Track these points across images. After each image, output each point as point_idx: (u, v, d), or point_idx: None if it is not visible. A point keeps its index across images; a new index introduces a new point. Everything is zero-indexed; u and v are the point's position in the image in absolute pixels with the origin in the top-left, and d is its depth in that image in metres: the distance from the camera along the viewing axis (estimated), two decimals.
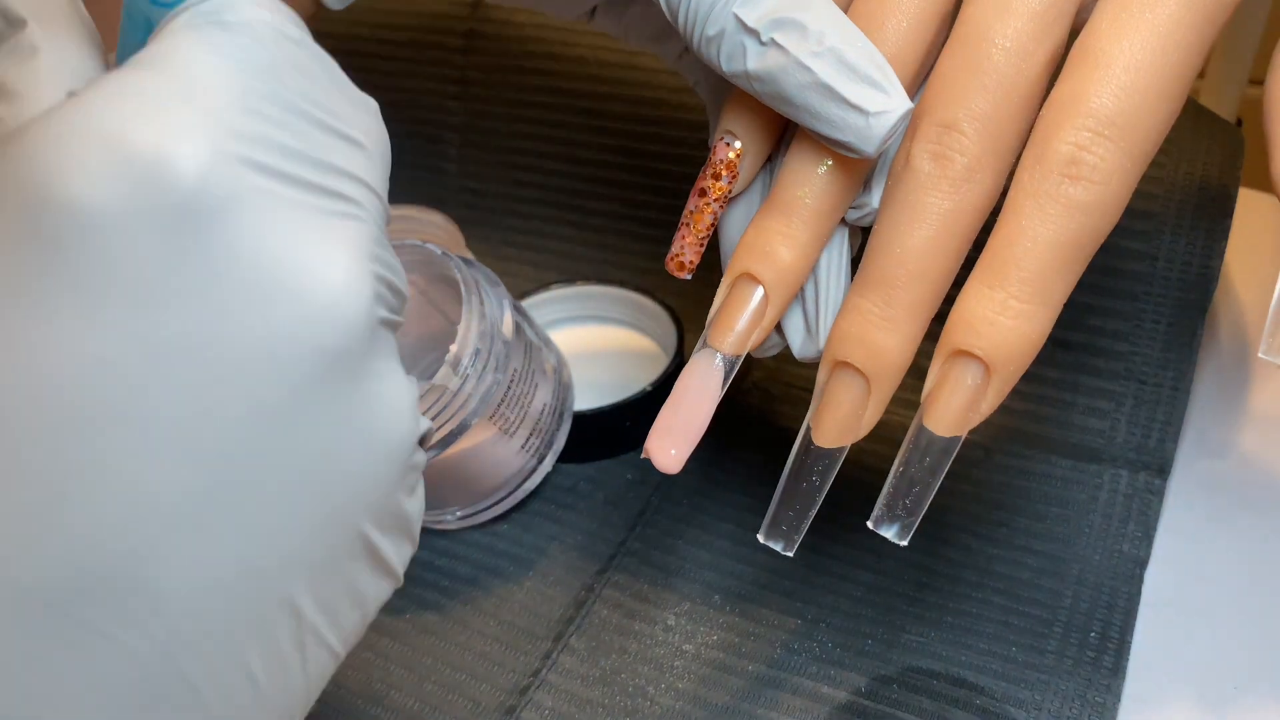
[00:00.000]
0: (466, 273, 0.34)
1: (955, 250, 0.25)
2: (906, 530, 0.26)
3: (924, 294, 0.25)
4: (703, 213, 0.28)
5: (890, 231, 0.25)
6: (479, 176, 0.52)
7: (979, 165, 0.24)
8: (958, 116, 0.24)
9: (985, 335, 0.24)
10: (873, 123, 0.24)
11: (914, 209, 0.25)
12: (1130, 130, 0.23)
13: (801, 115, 0.25)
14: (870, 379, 0.26)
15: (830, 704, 0.32)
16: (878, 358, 0.25)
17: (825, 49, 0.24)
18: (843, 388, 0.26)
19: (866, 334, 0.25)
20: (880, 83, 0.24)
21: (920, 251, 0.25)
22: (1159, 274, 0.38)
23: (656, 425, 0.28)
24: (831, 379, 0.26)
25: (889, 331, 0.25)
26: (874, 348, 0.25)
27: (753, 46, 0.25)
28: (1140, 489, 0.37)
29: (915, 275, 0.25)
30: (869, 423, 0.26)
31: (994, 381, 0.25)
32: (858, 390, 0.26)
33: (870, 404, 0.26)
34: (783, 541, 0.28)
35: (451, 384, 0.32)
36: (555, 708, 0.32)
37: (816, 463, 0.27)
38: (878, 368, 0.26)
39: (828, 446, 0.27)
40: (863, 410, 0.26)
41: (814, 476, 0.27)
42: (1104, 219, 0.24)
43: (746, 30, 0.25)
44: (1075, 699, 0.31)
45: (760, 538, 0.28)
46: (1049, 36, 0.24)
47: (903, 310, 0.25)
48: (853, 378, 0.26)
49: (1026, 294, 0.24)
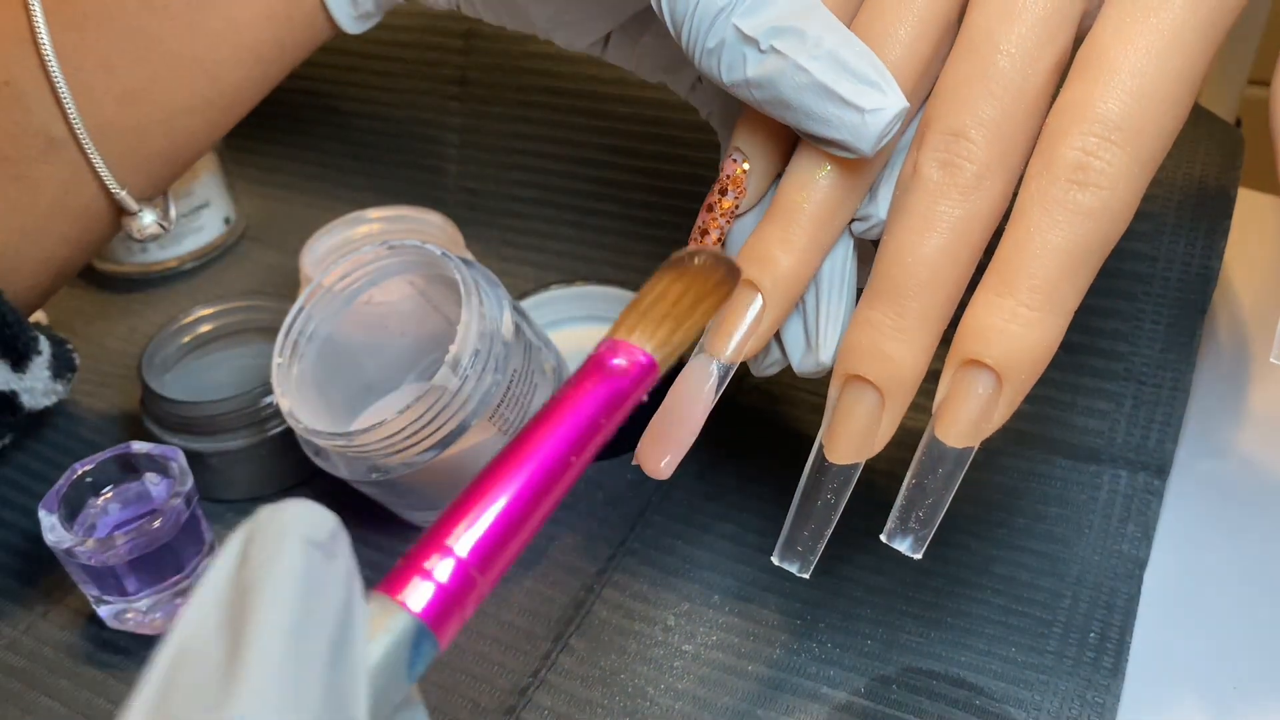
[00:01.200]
0: (466, 273, 0.34)
1: (966, 259, 0.25)
2: (920, 543, 0.26)
3: (936, 303, 0.25)
4: (709, 228, 0.28)
5: (900, 241, 0.25)
6: (478, 177, 0.52)
7: (988, 172, 0.24)
8: (965, 124, 0.24)
9: (996, 344, 0.24)
10: (868, 120, 0.24)
11: (923, 218, 0.25)
12: (1137, 135, 0.23)
13: (799, 118, 0.25)
14: (884, 392, 0.25)
15: (830, 704, 0.32)
16: (891, 370, 0.25)
17: (823, 52, 0.24)
18: (856, 402, 0.26)
19: (879, 346, 0.25)
20: (876, 81, 0.24)
21: (931, 260, 0.25)
22: (1159, 274, 0.38)
23: (648, 432, 0.27)
24: (844, 393, 0.26)
25: (901, 343, 0.25)
26: (887, 360, 0.25)
27: (752, 54, 0.25)
28: (1140, 489, 0.37)
29: (927, 285, 0.25)
30: (884, 437, 0.26)
31: (1006, 391, 0.24)
32: (871, 404, 0.26)
33: (885, 418, 0.26)
34: (799, 563, 0.27)
35: (451, 384, 0.32)
36: (555, 708, 0.32)
37: (831, 480, 0.27)
38: (891, 380, 0.25)
39: (842, 463, 0.26)
40: (877, 425, 0.26)
41: (829, 494, 0.27)
42: (1113, 224, 0.24)
43: (746, 39, 0.25)
44: (1075, 699, 0.31)
45: (775, 559, 0.28)
46: (1054, 43, 0.24)
47: (915, 321, 0.25)
48: (866, 391, 0.26)
49: (1036, 301, 0.24)
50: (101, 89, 0.34)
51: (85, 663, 0.35)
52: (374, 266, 0.36)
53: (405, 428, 0.32)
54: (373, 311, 0.38)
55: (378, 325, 0.39)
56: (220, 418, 0.39)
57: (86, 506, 0.35)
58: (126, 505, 0.36)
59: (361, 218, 0.46)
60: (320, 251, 0.45)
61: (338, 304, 0.37)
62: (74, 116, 0.33)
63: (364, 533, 0.38)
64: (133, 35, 0.34)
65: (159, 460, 0.35)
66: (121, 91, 0.34)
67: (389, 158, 0.55)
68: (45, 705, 0.34)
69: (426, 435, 0.33)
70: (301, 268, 0.44)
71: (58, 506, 0.34)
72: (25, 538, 0.39)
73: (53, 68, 0.33)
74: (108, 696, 0.34)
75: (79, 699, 0.34)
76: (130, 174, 0.35)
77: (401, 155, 0.54)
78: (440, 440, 0.33)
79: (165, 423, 0.39)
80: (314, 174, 0.57)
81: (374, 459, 0.34)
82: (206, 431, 0.39)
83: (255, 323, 0.44)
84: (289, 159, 0.58)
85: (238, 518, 0.40)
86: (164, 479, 0.36)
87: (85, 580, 0.34)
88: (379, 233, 0.46)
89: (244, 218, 0.56)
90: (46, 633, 0.36)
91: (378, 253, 0.36)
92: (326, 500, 0.44)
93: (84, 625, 0.36)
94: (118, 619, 0.35)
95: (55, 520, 0.33)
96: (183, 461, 0.35)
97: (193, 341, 0.43)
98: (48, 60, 0.33)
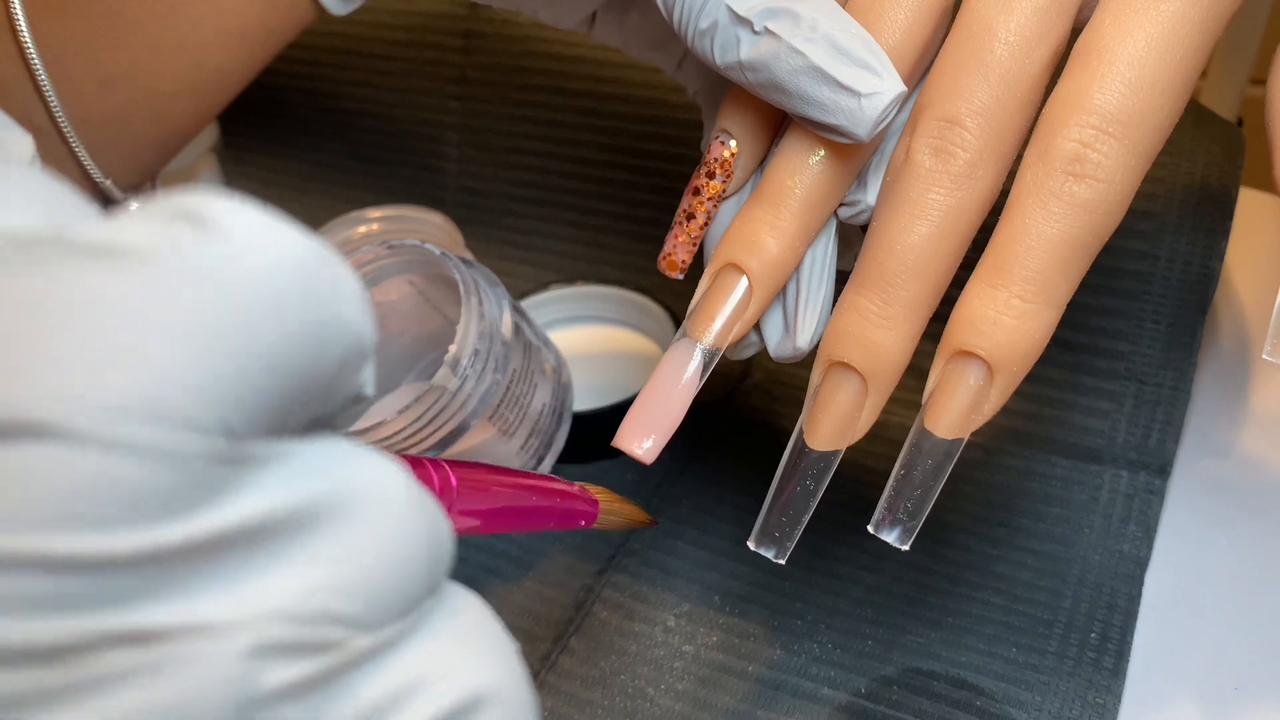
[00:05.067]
0: (465, 273, 0.34)
1: (955, 248, 0.25)
2: (908, 535, 0.26)
3: (923, 292, 0.25)
4: (696, 211, 0.28)
5: (889, 227, 0.25)
6: (478, 176, 0.52)
7: (981, 161, 0.24)
8: (960, 111, 0.24)
9: (988, 335, 0.24)
10: (865, 105, 0.24)
11: (914, 205, 0.24)
12: (1134, 127, 0.23)
13: (794, 102, 0.25)
14: (867, 379, 0.25)
15: (830, 705, 0.32)
16: (875, 357, 0.25)
17: (818, 35, 0.24)
18: (838, 388, 0.26)
19: (864, 332, 0.25)
20: (873, 65, 0.24)
21: (920, 248, 0.24)
22: (1159, 274, 0.38)
23: (629, 417, 0.27)
24: (827, 379, 0.26)
25: (887, 330, 0.25)
26: (872, 347, 0.25)
27: (746, 36, 0.24)
28: (1140, 489, 0.37)
29: (915, 272, 0.25)
30: (865, 425, 0.26)
31: (997, 382, 0.24)
32: (854, 390, 0.26)
33: (867, 405, 0.26)
34: (775, 548, 0.27)
35: (450, 384, 0.32)
36: (555, 709, 0.32)
37: (811, 466, 0.26)
38: (875, 367, 0.25)
39: (822, 449, 0.26)
40: (859, 412, 0.26)
41: (808, 481, 0.27)
42: (1108, 217, 0.24)
43: (739, 21, 0.24)
44: (1075, 700, 0.31)
45: (751, 544, 0.27)
46: (1052, 32, 0.24)
47: (901, 308, 0.25)
48: (849, 377, 0.26)
49: (1030, 293, 0.24)
50: (82, 75, 0.33)
51: None
52: (373, 266, 0.36)
53: (405, 428, 0.32)
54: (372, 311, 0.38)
55: (377, 325, 0.39)
56: None
57: None
58: None
59: (361, 217, 0.46)
60: None
61: None
62: (54, 104, 0.33)
63: None
64: (113, 19, 0.33)
65: None
66: (103, 77, 0.33)
67: (389, 157, 0.55)
68: None
69: (426, 435, 0.33)
70: None
71: None
72: None
73: (31, 54, 0.32)
74: None
75: None
76: (114, 162, 0.35)
77: (401, 155, 0.54)
78: (440, 440, 0.33)
79: None
80: (314, 174, 0.57)
81: None
82: None
83: None
84: (289, 159, 0.58)
85: None
86: None
87: None
88: (379, 232, 0.46)
89: None
90: None
91: (377, 252, 0.36)
92: None
93: None
94: None
95: None
96: None
97: None
98: (26, 46, 0.32)
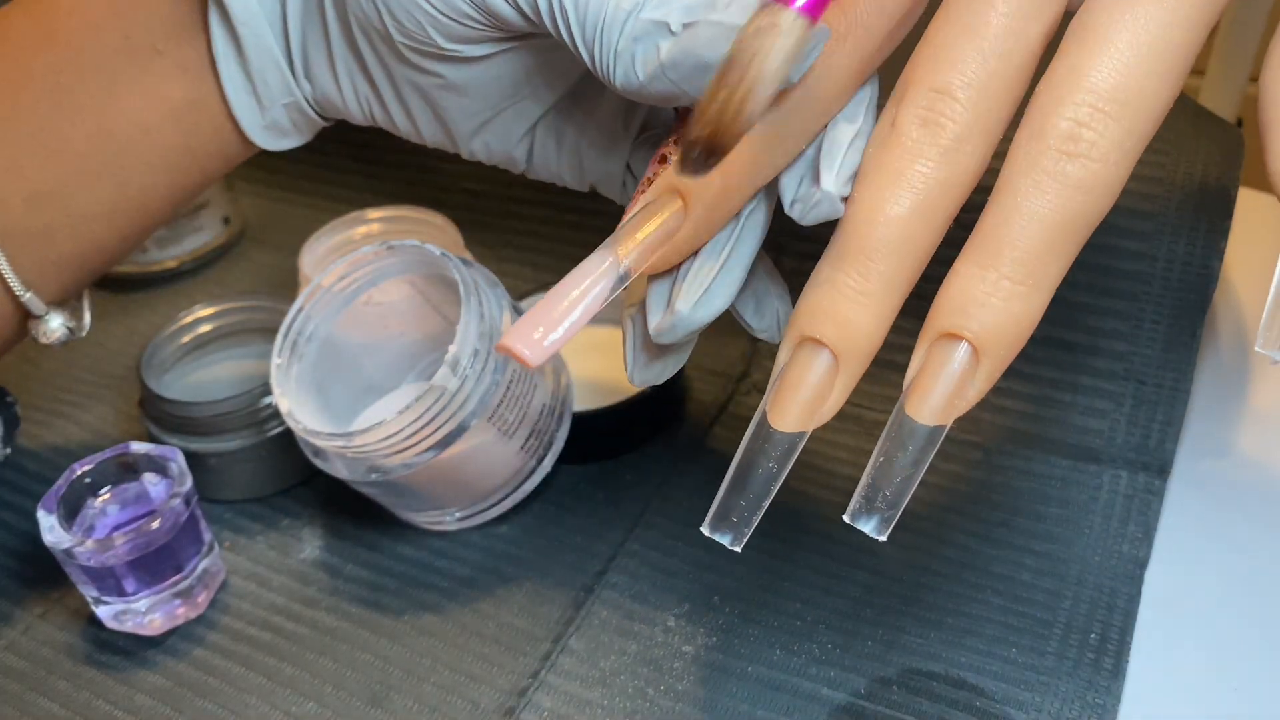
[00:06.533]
0: (465, 273, 0.34)
1: (938, 224, 0.24)
2: (886, 524, 0.24)
3: (902, 269, 0.24)
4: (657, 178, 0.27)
5: (870, 200, 0.24)
6: (479, 177, 0.52)
7: (969, 134, 0.23)
8: (951, 82, 0.23)
9: (975, 317, 0.23)
10: None
11: (898, 176, 0.23)
12: (1131, 108, 0.22)
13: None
14: (839, 357, 0.24)
15: (830, 705, 0.32)
16: (849, 335, 0.24)
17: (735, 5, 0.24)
18: (808, 366, 0.24)
19: (838, 308, 0.24)
20: None
21: (902, 222, 0.23)
22: (1159, 274, 0.38)
23: (525, 317, 0.25)
24: (796, 356, 0.24)
25: (863, 307, 0.24)
26: (846, 323, 0.24)
27: (664, 39, 0.24)
28: (1140, 489, 0.37)
29: (895, 247, 0.23)
30: (833, 407, 0.25)
31: (983, 366, 0.23)
32: (824, 369, 0.24)
33: (837, 385, 0.24)
34: (731, 534, 0.25)
35: (450, 385, 0.32)
36: (554, 709, 0.32)
37: (774, 449, 0.25)
38: (848, 345, 0.24)
39: (786, 430, 0.25)
40: (828, 392, 0.24)
41: (771, 464, 0.25)
42: (1102, 199, 0.23)
43: (657, 25, 0.24)
44: (1075, 700, 0.31)
45: (705, 529, 0.26)
46: (1048, 9, 0.24)
47: (879, 285, 0.24)
48: (820, 355, 0.24)
49: (1020, 274, 0.23)
50: (9, 190, 0.33)
51: (84, 663, 0.35)
52: (373, 266, 0.36)
53: (405, 428, 0.32)
54: (372, 311, 0.38)
55: (377, 325, 0.39)
56: (219, 418, 0.39)
57: (85, 507, 0.35)
58: (125, 506, 0.36)
59: (361, 218, 0.46)
60: (320, 252, 0.45)
61: (337, 304, 0.37)
62: None
63: (364, 533, 0.38)
64: (43, 136, 0.33)
65: (158, 461, 0.35)
66: (30, 193, 0.33)
67: (389, 158, 0.55)
68: (43, 706, 0.34)
69: (426, 435, 0.33)
70: (301, 268, 0.44)
71: (56, 507, 0.34)
72: (24, 538, 0.39)
73: None
74: (106, 697, 0.34)
75: (77, 700, 0.34)
76: (38, 277, 0.34)
77: (401, 155, 0.54)
78: (440, 440, 0.33)
79: (164, 423, 0.39)
80: (314, 174, 0.57)
81: (373, 459, 0.34)
82: (205, 432, 0.39)
83: (254, 323, 0.44)
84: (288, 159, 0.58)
85: (237, 518, 0.40)
86: (163, 479, 0.36)
87: (84, 581, 0.34)
88: (378, 233, 0.46)
89: (243, 218, 0.56)
90: (45, 633, 0.36)
91: (377, 253, 0.36)
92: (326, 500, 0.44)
93: (83, 626, 0.36)
94: (116, 619, 0.35)
95: (54, 521, 0.33)
96: (182, 462, 0.35)
97: (192, 342, 0.43)
98: None
